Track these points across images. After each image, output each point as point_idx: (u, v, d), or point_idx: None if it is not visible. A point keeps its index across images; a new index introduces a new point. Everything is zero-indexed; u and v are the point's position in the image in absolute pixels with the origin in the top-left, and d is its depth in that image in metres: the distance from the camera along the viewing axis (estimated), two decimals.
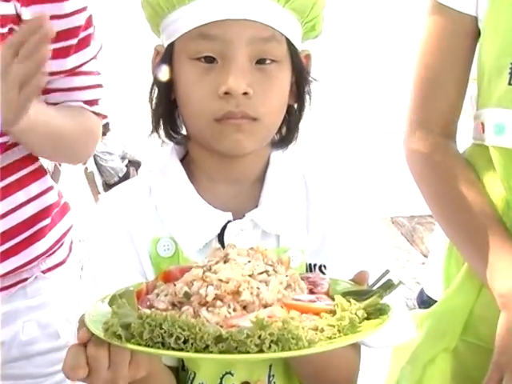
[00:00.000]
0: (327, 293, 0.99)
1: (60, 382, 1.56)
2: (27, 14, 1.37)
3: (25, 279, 1.52)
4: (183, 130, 1.23)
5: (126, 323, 0.84)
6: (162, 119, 1.21)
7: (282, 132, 1.23)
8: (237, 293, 0.90)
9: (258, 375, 1.15)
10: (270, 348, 0.82)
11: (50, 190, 1.57)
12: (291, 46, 1.15)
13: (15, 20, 1.37)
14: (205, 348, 0.82)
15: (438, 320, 1.41)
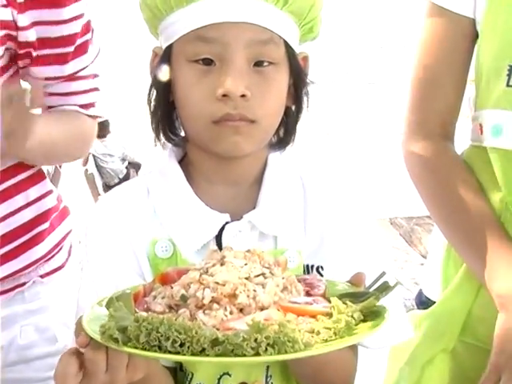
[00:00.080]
0: (324, 295, 0.99)
1: None
2: (24, 21, 1.37)
3: (23, 284, 1.52)
4: (182, 132, 1.23)
5: (123, 326, 0.84)
6: (161, 121, 1.21)
7: (280, 134, 1.23)
8: (233, 295, 0.90)
9: (256, 376, 1.15)
10: (267, 351, 0.82)
11: (49, 194, 1.57)
12: (289, 49, 1.15)
13: (11, 26, 1.37)
14: (201, 351, 0.82)
15: (437, 321, 1.41)
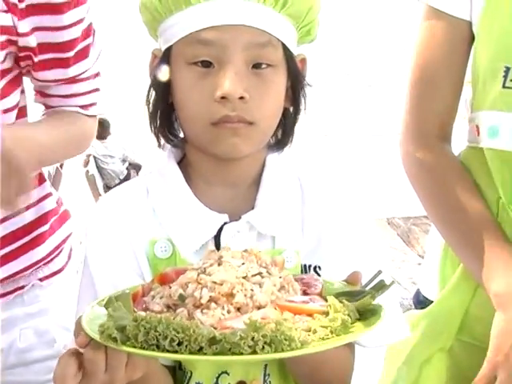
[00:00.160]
0: (320, 294, 1.00)
1: None
2: (25, 27, 1.38)
3: (22, 287, 1.52)
4: (180, 133, 1.24)
5: (122, 326, 0.85)
6: (160, 122, 1.22)
7: (278, 135, 1.24)
8: (231, 295, 0.91)
9: (254, 374, 1.16)
10: (263, 349, 0.83)
11: (49, 197, 1.58)
12: (287, 51, 1.16)
13: (12, 31, 1.37)
14: (199, 350, 0.83)
15: (434, 320, 1.42)
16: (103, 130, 8.23)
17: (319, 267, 1.19)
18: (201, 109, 1.12)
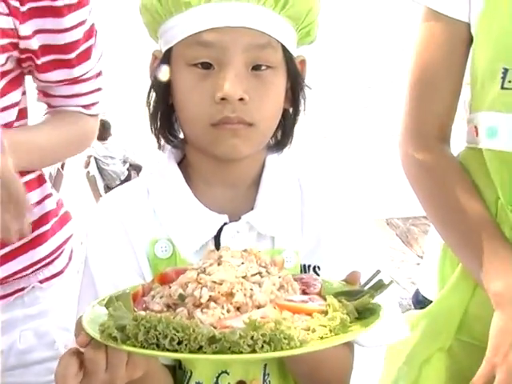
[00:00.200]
0: (319, 293, 1.00)
1: None
2: (27, 30, 1.38)
3: (22, 289, 1.53)
4: (181, 134, 1.24)
5: (122, 325, 0.85)
6: (160, 123, 1.22)
7: (278, 136, 1.24)
8: (230, 294, 0.91)
9: (254, 374, 1.16)
10: (263, 348, 0.83)
11: (49, 197, 1.58)
12: (286, 53, 1.16)
13: (12, 34, 1.38)
14: (199, 349, 0.83)
15: (434, 320, 1.42)
16: (104, 132, 8.23)
17: (318, 267, 1.19)
18: (201, 110, 1.12)
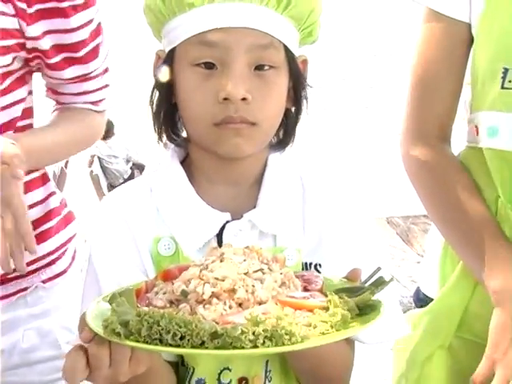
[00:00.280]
0: (321, 290, 1.00)
1: None
2: (36, 31, 1.39)
3: (25, 288, 1.53)
4: (183, 133, 1.25)
5: (125, 321, 0.86)
6: (163, 122, 1.23)
7: (280, 135, 1.24)
8: (232, 290, 0.92)
9: (255, 371, 1.17)
10: (264, 344, 0.84)
11: (53, 196, 1.59)
12: (289, 53, 1.16)
13: (17, 35, 1.38)
14: (201, 344, 0.84)
15: (435, 317, 1.43)
16: (107, 131, 8.21)
17: (320, 265, 1.19)
18: (204, 110, 1.12)
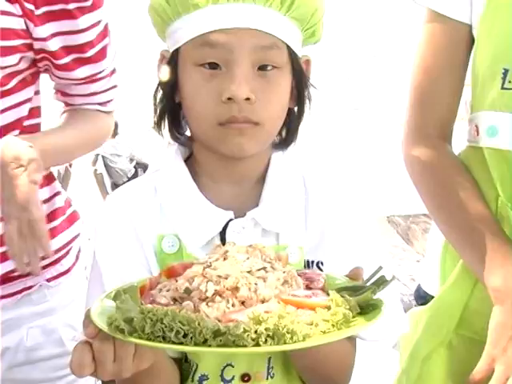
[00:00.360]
0: (323, 288, 1.00)
1: None
2: (45, 32, 1.39)
3: (30, 287, 1.53)
4: (187, 132, 1.24)
5: (129, 318, 0.86)
6: (168, 121, 1.23)
7: (283, 134, 1.24)
8: (235, 289, 0.91)
9: (258, 367, 1.17)
10: (266, 342, 0.83)
11: (58, 195, 1.59)
12: (292, 53, 1.16)
13: (24, 35, 1.38)
14: (204, 342, 0.83)
15: (435, 315, 1.43)
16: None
17: (322, 263, 1.19)
18: (208, 109, 1.12)
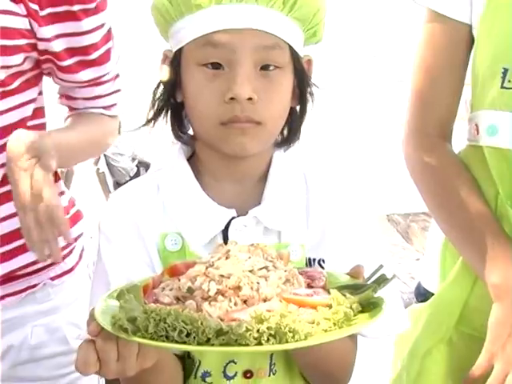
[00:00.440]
0: (324, 287, 0.99)
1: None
2: (48, 33, 1.39)
3: (34, 285, 1.53)
4: (190, 131, 1.24)
5: (132, 317, 0.85)
6: (170, 120, 1.23)
7: (284, 133, 1.24)
8: (237, 288, 0.91)
9: (260, 364, 1.16)
10: (268, 341, 0.83)
11: (62, 195, 1.59)
12: (294, 53, 1.16)
13: (28, 35, 1.38)
14: (207, 341, 0.83)
15: (435, 311, 1.43)
16: None
17: (323, 260, 1.19)
18: (211, 109, 1.12)
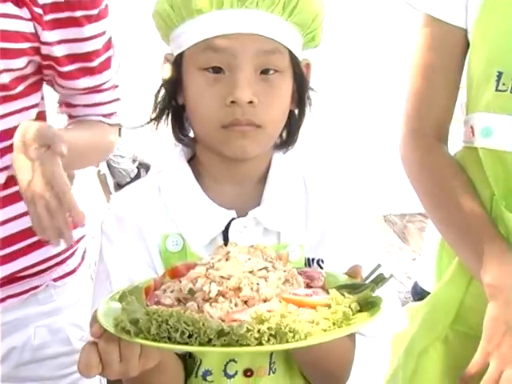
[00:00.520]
0: (323, 287, 1.00)
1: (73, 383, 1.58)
2: (51, 37, 1.38)
3: (36, 286, 1.52)
4: (191, 133, 1.24)
5: (135, 319, 0.85)
6: (172, 123, 1.23)
7: (283, 136, 1.24)
8: (238, 289, 0.91)
9: (260, 362, 1.16)
10: (269, 341, 0.83)
11: None
12: (293, 57, 1.16)
13: (32, 39, 1.37)
14: (208, 341, 0.83)
15: (431, 310, 1.43)
16: None
17: (322, 261, 1.19)
18: (212, 112, 1.12)
